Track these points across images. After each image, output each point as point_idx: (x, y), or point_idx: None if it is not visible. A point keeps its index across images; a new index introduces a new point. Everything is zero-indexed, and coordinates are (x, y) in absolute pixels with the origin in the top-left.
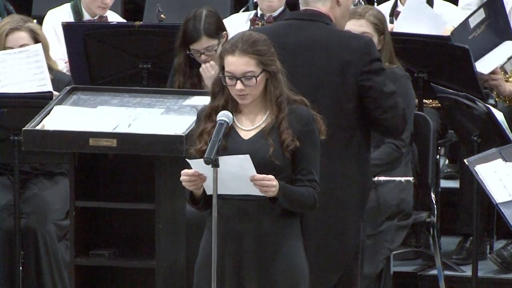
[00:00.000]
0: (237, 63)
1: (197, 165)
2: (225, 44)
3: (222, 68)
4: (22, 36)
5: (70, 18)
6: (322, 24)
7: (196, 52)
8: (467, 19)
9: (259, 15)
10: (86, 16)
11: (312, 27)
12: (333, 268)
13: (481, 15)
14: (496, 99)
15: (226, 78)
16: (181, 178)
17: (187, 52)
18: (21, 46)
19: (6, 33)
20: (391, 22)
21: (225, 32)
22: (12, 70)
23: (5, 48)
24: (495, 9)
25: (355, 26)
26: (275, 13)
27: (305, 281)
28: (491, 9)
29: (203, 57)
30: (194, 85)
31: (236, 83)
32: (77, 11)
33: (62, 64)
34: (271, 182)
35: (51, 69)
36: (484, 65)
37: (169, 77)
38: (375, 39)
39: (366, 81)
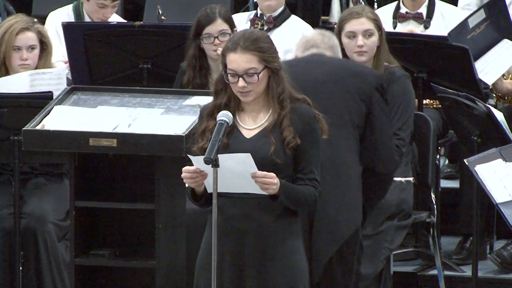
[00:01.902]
0: (239, 60)
1: (199, 162)
2: (227, 42)
3: (224, 66)
4: (32, 36)
5: (71, 19)
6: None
7: (208, 38)
8: (466, 19)
9: (259, 15)
10: (87, 19)
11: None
12: (332, 239)
13: (481, 15)
14: (495, 100)
15: (228, 75)
16: (183, 175)
17: (199, 37)
18: (30, 46)
19: (17, 31)
20: (394, 24)
21: (235, 29)
22: (39, 89)
23: (12, 46)
24: (496, 10)
25: (356, 25)
26: (275, 13)
27: (304, 280)
28: (492, 10)
29: (216, 41)
30: (202, 85)
31: (238, 81)
32: (78, 14)
33: (62, 65)
34: (272, 179)
35: None
36: (488, 73)
37: (177, 77)
38: (376, 35)
39: (377, 97)
